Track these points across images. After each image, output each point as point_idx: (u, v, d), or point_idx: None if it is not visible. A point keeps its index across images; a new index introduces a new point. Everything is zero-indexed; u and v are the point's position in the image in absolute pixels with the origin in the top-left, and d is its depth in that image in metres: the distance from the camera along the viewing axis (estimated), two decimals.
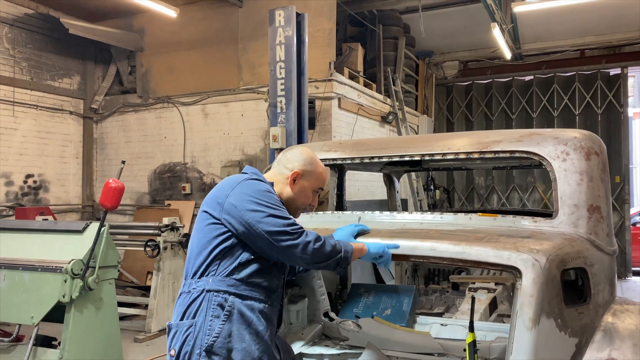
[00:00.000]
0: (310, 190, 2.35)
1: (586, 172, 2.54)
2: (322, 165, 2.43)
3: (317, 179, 2.36)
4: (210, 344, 2.03)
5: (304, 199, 2.34)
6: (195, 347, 2.04)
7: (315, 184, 2.36)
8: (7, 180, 8.44)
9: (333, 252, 2.14)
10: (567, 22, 10.47)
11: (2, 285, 4.50)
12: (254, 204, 2.08)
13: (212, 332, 2.04)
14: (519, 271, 2.14)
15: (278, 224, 2.06)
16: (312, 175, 2.35)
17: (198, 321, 2.07)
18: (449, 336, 3.43)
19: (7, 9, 8.45)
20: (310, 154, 2.38)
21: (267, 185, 2.22)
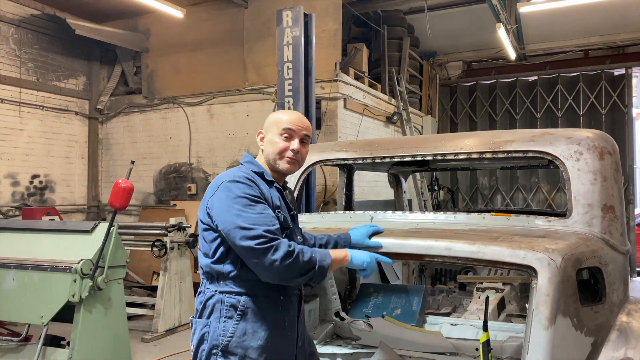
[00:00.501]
0: (276, 137, 2.23)
1: (600, 171, 2.54)
2: (286, 111, 2.35)
3: (276, 124, 2.25)
4: (225, 344, 2.04)
5: (275, 148, 2.23)
6: (211, 347, 2.06)
7: (277, 129, 2.24)
8: (13, 180, 8.47)
9: (305, 268, 2.00)
10: (571, 23, 10.47)
11: (11, 285, 4.51)
12: (226, 213, 2.02)
13: (226, 333, 2.05)
14: (534, 270, 2.14)
15: (245, 236, 1.96)
16: (272, 124, 2.27)
17: (212, 322, 2.08)
18: (459, 336, 3.44)
19: (14, 10, 8.47)
20: (272, 113, 2.36)
21: (243, 186, 2.07)
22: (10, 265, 4.56)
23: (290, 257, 1.95)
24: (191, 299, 6.72)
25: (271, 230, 1.98)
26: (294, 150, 2.22)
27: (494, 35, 9.45)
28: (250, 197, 2.04)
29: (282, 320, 2.12)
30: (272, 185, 2.23)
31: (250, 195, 2.04)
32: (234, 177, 2.10)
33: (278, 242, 1.96)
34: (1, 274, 4.56)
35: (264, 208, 2.05)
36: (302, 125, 2.26)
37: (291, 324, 2.16)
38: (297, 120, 2.25)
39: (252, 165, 2.26)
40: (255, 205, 2.03)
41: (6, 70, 8.40)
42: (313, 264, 2.01)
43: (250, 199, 2.03)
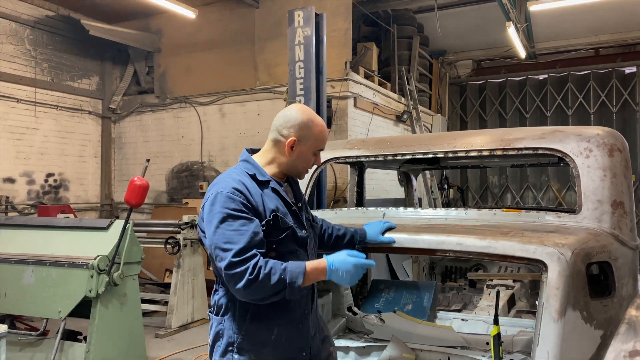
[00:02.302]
0: (309, 154, 2.18)
1: (609, 168, 2.58)
2: (321, 122, 2.20)
3: (315, 140, 2.17)
4: (240, 341, 2.08)
5: (305, 163, 2.19)
6: (227, 344, 2.10)
7: (315, 146, 2.18)
8: (29, 179, 8.61)
9: (274, 289, 1.93)
10: (581, 21, 10.44)
11: (30, 281, 4.61)
12: (208, 228, 2.00)
13: (240, 331, 2.08)
14: (544, 264, 2.19)
15: (219, 257, 1.94)
16: (310, 138, 2.15)
17: (227, 320, 2.12)
18: (470, 331, 3.48)
19: (29, 11, 8.61)
20: (305, 115, 2.16)
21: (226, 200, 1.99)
22: (29, 261, 4.66)
23: (254, 282, 1.89)
24: (204, 296, 6.81)
25: (244, 249, 1.92)
26: (316, 165, 2.23)
27: (504, 34, 9.46)
28: (231, 210, 1.98)
29: (294, 315, 2.14)
30: (267, 185, 2.15)
31: (231, 209, 1.98)
32: (221, 189, 2.04)
33: (246, 267, 1.90)
34: (20, 270, 4.66)
35: (243, 224, 1.97)
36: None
37: (304, 317, 2.18)
38: (327, 137, 2.26)
39: (247, 165, 2.18)
40: (234, 222, 1.96)
41: (22, 70, 8.54)
42: (282, 284, 1.93)
43: (231, 214, 1.97)
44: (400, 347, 2.99)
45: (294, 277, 1.95)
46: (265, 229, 2.03)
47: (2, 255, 4.82)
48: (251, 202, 2.03)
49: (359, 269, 2.05)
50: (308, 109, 2.24)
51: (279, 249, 2.08)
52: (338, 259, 2.04)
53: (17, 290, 4.64)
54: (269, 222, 2.05)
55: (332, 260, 2.04)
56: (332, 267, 2.02)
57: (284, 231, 2.09)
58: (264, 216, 2.05)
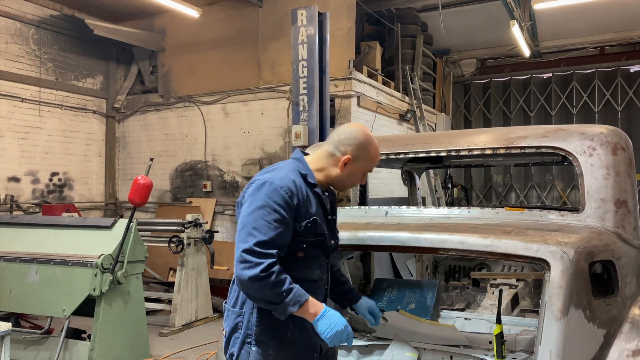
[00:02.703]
0: (360, 173, 2.26)
1: (613, 166, 2.57)
2: (376, 145, 2.28)
3: (369, 162, 2.26)
4: (259, 333, 2.13)
5: (352, 180, 2.27)
6: (245, 336, 2.14)
7: (366, 167, 2.27)
8: (33, 178, 8.65)
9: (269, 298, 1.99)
10: (586, 19, 10.40)
11: (34, 279, 4.64)
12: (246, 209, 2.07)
13: (259, 324, 2.13)
14: (547, 263, 2.18)
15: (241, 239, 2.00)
16: (365, 159, 2.24)
17: (246, 312, 2.16)
18: (473, 330, 3.47)
19: (34, 11, 8.65)
20: (365, 136, 2.24)
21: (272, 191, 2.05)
22: (34, 259, 4.69)
23: (260, 280, 1.94)
24: (207, 295, 6.82)
25: (268, 242, 1.97)
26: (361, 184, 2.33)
27: (508, 33, 9.43)
28: (274, 202, 2.03)
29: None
30: (313, 188, 2.21)
31: (273, 202, 2.03)
32: (272, 179, 2.09)
33: (262, 261, 1.95)
34: (24, 269, 4.69)
35: (276, 220, 2.01)
36: None
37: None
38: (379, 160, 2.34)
39: (300, 165, 2.23)
40: (270, 214, 2.01)
41: (26, 70, 8.58)
42: (280, 299, 1.98)
43: (273, 206, 2.02)
44: (403, 346, 2.98)
45: (293, 302, 1.99)
46: (302, 230, 2.10)
47: (7, 253, 4.85)
48: (295, 202, 2.08)
49: (345, 335, 2.05)
50: (368, 130, 2.30)
51: (307, 251, 2.15)
52: (335, 313, 2.06)
53: (21, 288, 4.67)
54: (307, 224, 2.11)
55: (329, 311, 2.05)
56: (325, 313, 2.03)
57: (317, 237, 2.16)
58: (304, 217, 2.11)
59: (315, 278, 2.23)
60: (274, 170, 2.18)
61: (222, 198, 8.98)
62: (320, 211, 2.21)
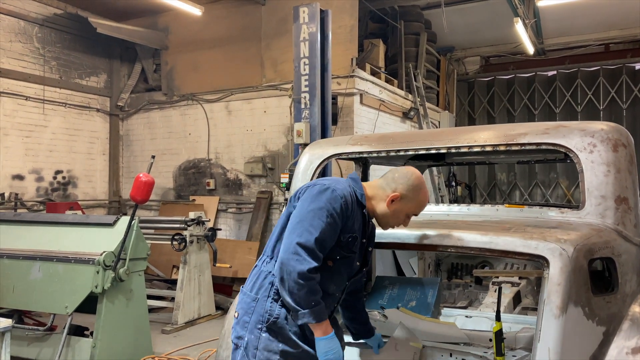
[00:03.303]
0: (404, 214, 2.34)
1: (613, 163, 2.56)
2: (426, 192, 2.38)
3: (415, 206, 2.35)
4: (271, 322, 2.19)
5: (396, 220, 2.35)
6: (257, 321, 2.20)
7: (412, 210, 2.35)
8: (37, 176, 8.69)
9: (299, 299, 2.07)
10: (591, 16, 10.34)
11: (37, 277, 4.66)
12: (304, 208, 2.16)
13: (272, 313, 2.19)
14: (546, 260, 2.17)
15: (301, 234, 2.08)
16: (412, 202, 2.33)
17: (261, 299, 2.22)
18: (474, 328, 3.46)
19: (38, 9, 8.68)
20: (418, 180, 2.35)
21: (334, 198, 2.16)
22: (36, 257, 4.71)
23: (301, 278, 2.03)
24: (210, 292, 6.83)
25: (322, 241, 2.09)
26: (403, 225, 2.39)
27: (512, 30, 9.39)
28: (332, 208, 2.14)
29: None
30: (362, 209, 2.31)
31: (333, 208, 2.14)
32: (335, 187, 2.20)
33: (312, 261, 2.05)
34: (27, 266, 4.71)
35: (330, 224, 2.12)
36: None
37: (329, 314, 2.28)
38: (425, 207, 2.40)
39: (355, 184, 2.34)
40: (327, 218, 2.12)
41: (30, 68, 8.61)
42: (305, 306, 2.07)
43: (331, 211, 2.13)
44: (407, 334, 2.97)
45: (315, 315, 2.09)
46: (343, 241, 2.21)
47: (11, 251, 4.88)
48: (348, 213, 2.20)
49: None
50: (423, 179, 2.41)
51: (335, 263, 2.25)
52: (337, 341, 2.18)
53: (24, 285, 4.70)
54: (349, 237, 2.22)
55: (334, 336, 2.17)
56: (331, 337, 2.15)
57: (350, 253, 2.26)
58: (349, 231, 2.22)
59: (330, 292, 2.29)
60: (334, 181, 2.29)
61: (225, 196, 9.00)
62: (362, 232, 2.31)
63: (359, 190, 2.31)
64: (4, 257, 4.84)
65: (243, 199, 8.85)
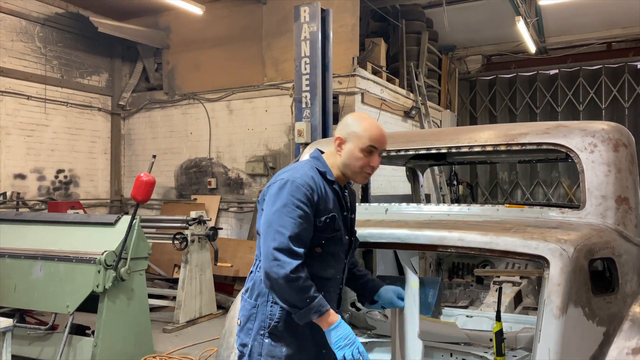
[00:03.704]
0: (359, 150, 2.17)
1: (614, 163, 2.55)
2: (370, 122, 2.23)
3: (365, 137, 2.17)
4: (273, 326, 2.16)
5: (358, 162, 2.19)
6: (259, 327, 2.18)
7: (364, 142, 2.17)
8: (39, 175, 8.70)
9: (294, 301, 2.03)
10: (593, 15, 10.31)
11: (39, 276, 4.67)
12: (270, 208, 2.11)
13: (273, 317, 2.16)
14: (546, 260, 2.17)
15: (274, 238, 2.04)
16: (358, 135, 2.18)
17: (260, 305, 2.19)
18: (475, 327, 3.46)
19: (39, 9, 8.69)
20: (354, 116, 2.26)
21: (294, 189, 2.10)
22: (38, 256, 4.72)
23: (287, 282, 1.99)
24: (211, 291, 6.84)
25: (297, 238, 2.04)
26: (373, 167, 2.22)
27: (514, 29, 9.37)
28: (297, 200, 2.07)
29: None
30: (331, 184, 2.22)
31: (297, 199, 2.07)
32: (293, 177, 2.12)
33: (292, 262, 2.00)
34: (29, 265, 4.72)
35: (300, 216, 2.06)
36: (385, 141, 2.25)
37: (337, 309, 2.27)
38: (382, 138, 2.23)
39: (318, 163, 2.25)
40: (295, 211, 2.06)
41: (32, 67, 8.62)
42: (302, 305, 2.02)
43: (296, 203, 2.07)
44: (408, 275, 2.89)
45: (315, 310, 2.03)
46: (321, 225, 2.14)
47: (12, 250, 4.88)
48: (315, 198, 2.12)
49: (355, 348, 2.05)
50: (363, 114, 2.32)
51: (325, 248, 2.18)
52: (347, 326, 2.09)
53: (26, 285, 4.70)
54: (326, 219, 2.15)
55: (342, 323, 2.09)
56: (339, 324, 2.07)
57: (334, 232, 2.19)
58: (323, 213, 2.15)
59: (329, 276, 2.24)
60: (292, 169, 2.21)
61: (227, 195, 9.00)
62: (338, 207, 2.24)
63: (322, 167, 2.23)
64: (5, 256, 4.84)
65: (244, 198, 8.85)
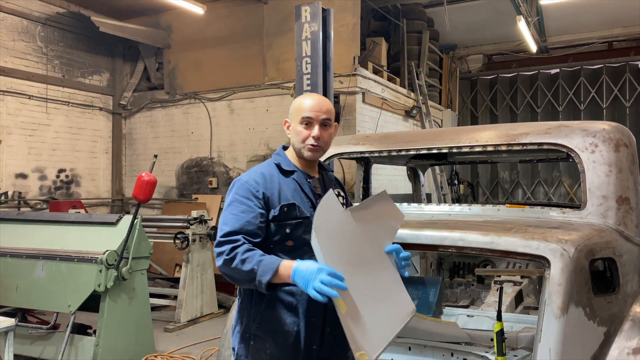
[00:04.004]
0: (297, 126, 2.21)
1: (615, 163, 2.56)
2: (305, 96, 2.27)
3: (296, 112, 2.22)
4: (255, 328, 2.14)
5: (297, 136, 2.22)
6: (244, 330, 2.17)
7: (297, 117, 2.21)
8: (41, 174, 8.72)
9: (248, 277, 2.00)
10: (594, 14, 10.31)
11: (40, 275, 4.68)
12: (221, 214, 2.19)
13: (255, 318, 2.14)
14: (547, 261, 2.17)
15: (216, 236, 2.11)
16: (293, 112, 2.25)
17: (244, 305, 2.19)
18: (475, 327, 3.46)
19: (40, 8, 8.70)
20: (294, 100, 2.30)
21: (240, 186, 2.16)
22: (39, 255, 4.73)
23: (228, 264, 2.00)
24: (213, 291, 6.85)
25: (232, 232, 2.05)
26: (314, 137, 2.19)
27: (515, 28, 9.37)
28: (240, 197, 2.13)
29: (308, 307, 2.13)
30: (290, 175, 2.23)
31: (240, 195, 2.13)
32: (240, 177, 2.21)
33: (225, 248, 2.02)
34: (31, 264, 4.73)
35: (243, 210, 2.09)
36: (321, 109, 2.21)
37: (316, 311, 2.15)
38: (316, 106, 2.21)
39: (276, 157, 2.30)
40: (238, 207, 2.10)
41: (33, 67, 8.63)
42: (253, 275, 1.98)
43: (239, 200, 2.12)
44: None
45: (264, 272, 1.96)
46: (278, 214, 2.13)
47: (14, 249, 4.90)
48: (262, 191, 2.14)
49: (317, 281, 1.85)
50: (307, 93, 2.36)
51: (296, 240, 2.14)
52: (307, 262, 1.94)
53: (28, 284, 4.72)
54: (284, 208, 2.14)
55: (301, 263, 1.95)
56: (298, 267, 1.93)
57: (299, 219, 2.15)
58: (278, 203, 2.15)
59: None
60: (249, 171, 2.27)
61: None
62: (302, 195, 2.20)
63: (278, 159, 2.26)
64: (7, 256, 4.86)
65: None
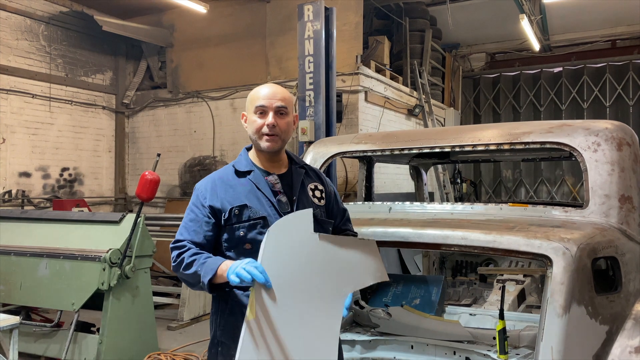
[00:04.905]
0: (252, 117, 2.15)
1: (617, 162, 2.55)
2: (257, 87, 2.21)
3: (250, 102, 2.17)
4: (220, 334, 2.11)
5: (251, 126, 2.15)
6: (212, 335, 2.16)
7: (251, 108, 2.15)
8: (44, 173, 8.75)
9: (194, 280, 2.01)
10: (597, 12, 10.28)
11: (44, 273, 4.70)
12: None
13: (220, 324, 2.11)
14: (549, 259, 2.18)
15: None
16: (248, 105, 2.20)
17: (212, 312, 2.18)
18: (478, 325, 3.48)
19: (44, 8, 8.72)
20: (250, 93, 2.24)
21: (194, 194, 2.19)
22: (43, 254, 4.75)
23: (178, 269, 2.05)
24: None
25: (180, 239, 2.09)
26: (269, 125, 2.10)
27: (518, 26, 9.36)
28: (192, 204, 2.17)
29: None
30: (246, 175, 2.16)
31: (192, 202, 2.17)
32: (199, 182, 2.23)
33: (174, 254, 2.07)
34: (34, 263, 4.75)
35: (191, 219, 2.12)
36: (274, 97, 2.13)
37: None
38: (269, 94, 2.13)
39: (237, 158, 2.25)
40: (188, 215, 2.15)
41: (37, 66, 8.66)
42: (198, 277, 1.99)
43: (190, 207, 2.16)
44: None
45: (206, 272, 1.96)
46: (228, 217, 2.08)
47: (18, 248, 4.91)
48: (207, 199, 2.12)
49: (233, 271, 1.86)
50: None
51: (251, 242, 2.06)
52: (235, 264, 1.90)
53: (32, 282, 4.73)
54: (235, 210, 2.08)
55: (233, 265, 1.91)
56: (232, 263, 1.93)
57: (254, 220, 2.07)
58: (228, 206, 2.09)
59: None
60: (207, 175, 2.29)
61: None
62: (258, 195, 2.11)
63: (236, 161, 2.21)
64: (11, 254, 4.87)
65: None
